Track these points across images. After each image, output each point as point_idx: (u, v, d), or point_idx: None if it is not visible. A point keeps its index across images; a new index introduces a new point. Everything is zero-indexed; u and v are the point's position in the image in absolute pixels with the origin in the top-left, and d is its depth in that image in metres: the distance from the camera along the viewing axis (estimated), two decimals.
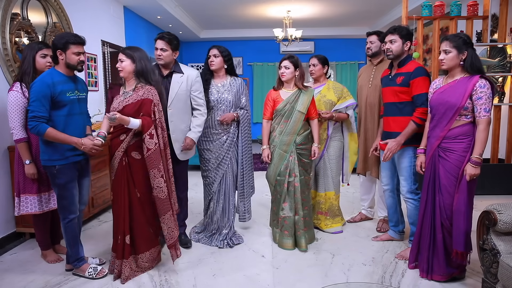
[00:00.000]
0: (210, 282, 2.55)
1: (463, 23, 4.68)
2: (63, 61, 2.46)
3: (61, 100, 2.42)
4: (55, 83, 2.40)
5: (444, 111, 2.36)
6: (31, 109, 2.33)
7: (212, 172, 3.19)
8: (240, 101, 3.18)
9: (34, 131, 2.34)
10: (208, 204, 3.27)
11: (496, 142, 4.63)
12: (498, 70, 4.58)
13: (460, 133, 2.33)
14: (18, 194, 2.71)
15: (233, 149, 3.18)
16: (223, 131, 3.15)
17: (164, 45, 2.86)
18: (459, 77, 2.36)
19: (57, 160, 2.45)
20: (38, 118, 2.32)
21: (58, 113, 2.43)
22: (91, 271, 2.60)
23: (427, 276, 2.50)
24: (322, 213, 3.38)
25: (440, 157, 2.40)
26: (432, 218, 2.46)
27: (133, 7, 5.93)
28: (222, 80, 3.18)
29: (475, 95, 2.27)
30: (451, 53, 2.33)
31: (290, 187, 3.00)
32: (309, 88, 3.10)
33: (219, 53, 3.10)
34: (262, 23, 7.99)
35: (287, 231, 3.02)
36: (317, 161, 3.32)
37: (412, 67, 2.73)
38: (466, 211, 2.28)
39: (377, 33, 3.33)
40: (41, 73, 2.50)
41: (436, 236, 2.45)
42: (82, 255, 2.65)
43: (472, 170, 2.26)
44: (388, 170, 2.99)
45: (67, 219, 2.53)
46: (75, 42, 2.45)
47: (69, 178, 2.51)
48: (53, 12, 3.88)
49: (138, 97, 2.52)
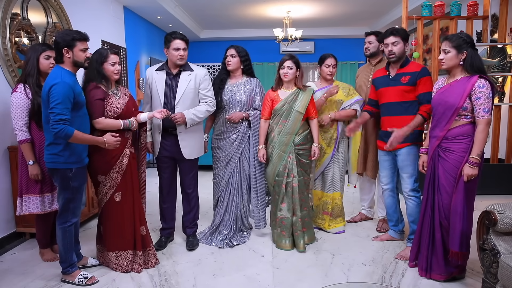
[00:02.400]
0: (210, 282, 2.55)
1: (463, 23, 4.68)
2: (70, 59, 2.38)
3: (80, 101, 2.38)
4: (74, 83, 2.36)
5: (443, 111, 2.36)
6: (56, 112, 2.22)
7: (221, 171, 3.21)
8: (254, 102, 3.17)
9: (61, 134, 2.23)
10: (216, 202, 3.30)
11: (496, 142, 4.63)
12: (498, 70, 4.58)
13: (460, 133, 2.33)
14: (20, 194, 2.70)
15: (244, 150, 3.18)
16: (232, 130, 3.15)
17: (185, 45, 2.88)
18: (460, 77, 2.35)
19: (74, 163, 2.40)
20: (64, 121, 2.23)
21: (76, 114, 2.37)
22: (81, 278, 2.51)
23: (426, 275, 2.51)
24: (327, 213, 3.36)
25: (440, 157, 2.40)
26: (432, 217, 2.47)
27: (133, 7, 5.93)
28: (237, 80, 3.18)
29: (474, 95, 2.26)
30: (450, 53, 2.33)
31: (289, 187, 3.00)
32: (308, 88, 3.09)
33: (237, 53, 3.10)
34: (262, 23, 7.99)
35: (284, 231, 3.01)
36: (328, 161, 3.30)
37: (417, 67, 2.78)
38: (463, 212, 2.27)
39: (376, 33, 3.33)
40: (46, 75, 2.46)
41: (435, 235, 2.45)
42: (75, 260, 2.57)
43: (470, 170, 2.25)
44: (388, 170, 2.99)
45: (69, 222, 2.47)
46: (81, 39, 2.40)
47: (83, 181, 2.50)
48: (53, 12, 3.88)
49: (126, 94, 2.69)
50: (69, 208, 2.46)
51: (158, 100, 2.90)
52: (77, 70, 2.48)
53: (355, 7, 6.77)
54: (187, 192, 3.10)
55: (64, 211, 2.46)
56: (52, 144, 2.37)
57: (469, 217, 2.33)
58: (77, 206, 2.51)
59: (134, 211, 2.66)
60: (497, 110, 4.61)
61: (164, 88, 2.91)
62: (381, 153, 3.00)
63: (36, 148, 2.68)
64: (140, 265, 2.67)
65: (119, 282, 2.55)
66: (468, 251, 2.35)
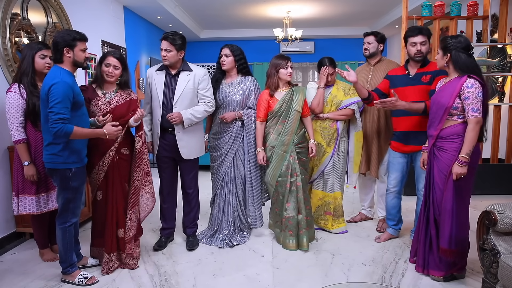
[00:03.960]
0: (210, 282, 2.55)
1: (463, 23, 4.68)
2: (71, 59, 2.37)
3: (79, 101, 2.38)
4: (73, 82, 2.35)
5: (436, 111, 2.41)
6: (55, 111, 2.21)
7: (216, 170, 3.24)
8: (249, 100, 3.15)
9: (60, 133, 2.23)
10: (213, 199, 3.32)
11: (496, 142, 4.63)
12: (498, 70, 4.58)
13: (452, 133, 2.36)
14: (17, 194, 2.70)
15: (238, 149, 3.18)
16: (226, 130, 3.15)
17: (167, 45, 2.84)
18: (453, 77, 2.41)
19: (74, 162, 2.39)
20: (63, 120, 2.22)
21: (75, 113, 2.35)
22: (81, 277, 2.50)
23: (423, 271, 2.54)
24: (330, 213, 3.35)
25: (435, 155, 2.44)
26: (427, 214, 2.50)
27: (133, 7, 5.93)
28: (232, 79, 3.17)
29: (462, 95, 2.30)
30: (438, 54, 2.44)
31: (293, 186, 3.00)
32: (299, 86, 3.13)
33: (231, 52, 3.09)
34: (262, 23, 7.99)
35: (291, 231, 3.01)
36: (328, 161, 3.30)
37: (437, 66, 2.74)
38: (452, 209, 2.31)
39: (375, 34, 3.34)
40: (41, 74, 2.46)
41: (430, 232, 2.49)
42: (75, 260, 2.57)
43: (459, 169, 2.29)
44: (399, 172, 2.98)
45: (69, 222, 2.46)
46: (81, 39, 2.40)
47: (82, 181, 2.50)
48: (53, 12, 3.88)
49: (125, 97, 2.67)
50: (68, 208, 2.45)
51: (157, 100, 2.90)
52: (76, 70, 2.48)
53: (355, 7, 6.77)
54: (187, 192, 3.10)
55: (64, 211, 2.45)
56: (51, 144, 2.35)
57: (459, 215, 2.34)
58: (77, 206, 2.50)
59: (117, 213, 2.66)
60: (497, 110, 4.61)
61: (163, 88, 2.91)
62: (396, 155, 2.97)
63: (32, 149, 2.67)
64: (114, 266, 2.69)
65: (119, 282, 2.55)
66: (459, 248, 2.36)
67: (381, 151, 3.35)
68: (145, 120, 3.05)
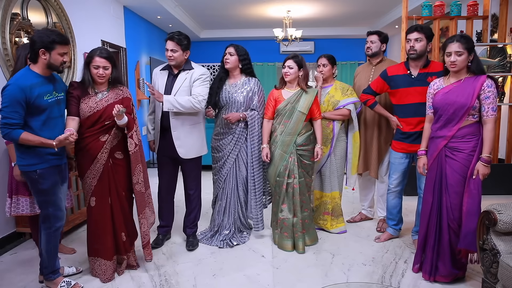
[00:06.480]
0: (210, 282, 2.55)
1: (463, 23, 4.68)
2: (46, 61, 2.22)
3: (40, 105, 2.21)
4: (31, 86, 2.17)
5: (453, 111, 2.35)
6: (2, 115, 2.12)
7: (218, 171, 3.23)
8: (252, 102, 3.13)
9: (7, 138, 2.16)
10: (214, 200, 3.32)
11: (496, 142, 4.62)
12: (498, 70, 4.58)
13: (468, 132, 2.34)
14: (10, 195, 2.69)
15: (241, 151, 3.17)
16: (229, 131, 3.14)
17: (174, 46, 2.85)
18: (463, 77, 2.37)
19: (37, 164, 2.25)
20: (10, 126, 2.12)
21: (36, 118, 2.22)
22: (64, 285, 2.40)
23: (429, 278, 2.47)
24: (328, 213, 3.35)
25: (447, 157, 2.39)
26: (439, 219, 2.43)
27: (133, 7, 5.93)
28: (236, 80, 3.16)
29: (483, 94, 2.30)
30: (464, 55, 2.32)
31: (289, 188, 2.98)
32: (311, 88, 3.07)
33: (235, 51, 3.08)
34: (262, 23, 7.99)
35: (286, 232, 3.00)
36: (324, 161, 3.29)
37: (440, 66, 2.70)
38: (478, 210, 2.27)
39: (378, 33, 3.32)
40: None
41: (442, 238, 2.42)
42: (59, 267, 2.48)
43: (485, 169, 2.28)
44: (401, 173, 2.98)
45: (53, 227, 2.35)
46: (61, 42, 2.24)
47: (53, 182, 2.33)
48: (53, 12, 3.88)
49: (118, 96, 2.55)
50: (47, 213, 2.33)
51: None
52: (50, 73, 2.32)
53: (355, 7, 6.77)
54: (188, 193, 3.11)
55: (44, 217, 2.34)
56: (17, 147, 2.26)
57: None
58: (57, 209, 2.35)
59: (114, 218, 2.56)
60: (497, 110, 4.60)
61: (164, 87, 2.94)
62: (398, 156, 2.96)
63: None
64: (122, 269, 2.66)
65: (119, 282, 2.55)
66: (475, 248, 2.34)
67: (381, 152, 3.34)
68: (149, 118, 3.10)
